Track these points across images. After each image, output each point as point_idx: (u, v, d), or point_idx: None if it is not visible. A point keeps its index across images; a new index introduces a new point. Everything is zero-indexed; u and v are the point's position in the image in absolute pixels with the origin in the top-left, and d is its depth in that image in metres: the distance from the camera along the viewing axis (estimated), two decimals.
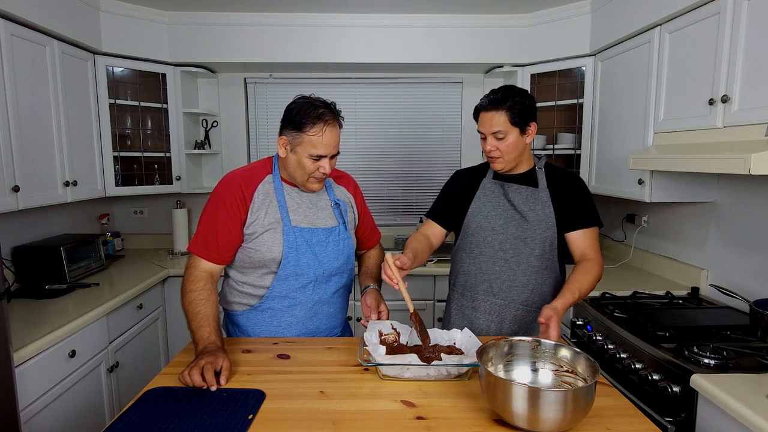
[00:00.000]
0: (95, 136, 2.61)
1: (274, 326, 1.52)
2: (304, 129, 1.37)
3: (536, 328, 1.45)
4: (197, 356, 1.26)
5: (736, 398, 1.22)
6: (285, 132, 1.42)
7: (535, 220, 1.56)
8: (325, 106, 1.42)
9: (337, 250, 1.52)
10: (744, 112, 1.59)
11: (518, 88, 1.58)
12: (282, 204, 1.46)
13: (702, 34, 1.79)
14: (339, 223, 1.54)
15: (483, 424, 1.04)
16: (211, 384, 1.18)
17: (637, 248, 2.68)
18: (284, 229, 1.43)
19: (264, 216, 1.43)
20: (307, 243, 1.46)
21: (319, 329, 1.56)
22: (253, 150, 3.34)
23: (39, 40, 2.14)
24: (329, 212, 1.54)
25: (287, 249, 1.43)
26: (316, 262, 1.48)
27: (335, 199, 1.57)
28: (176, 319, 2.77)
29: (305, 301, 1.50)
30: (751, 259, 1.92)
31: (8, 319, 1.46)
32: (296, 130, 1.38)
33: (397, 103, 3.32)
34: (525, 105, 1.51)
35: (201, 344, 1.30)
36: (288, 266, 1.44)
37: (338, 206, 1.56)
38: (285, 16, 2.83)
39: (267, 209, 1.44)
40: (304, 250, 1.46)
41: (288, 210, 1.46)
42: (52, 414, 1.73)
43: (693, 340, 1.58)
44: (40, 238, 2.51)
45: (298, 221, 1.47)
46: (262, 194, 1.45)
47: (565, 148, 2.87)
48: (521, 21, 2.87)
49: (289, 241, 1.43)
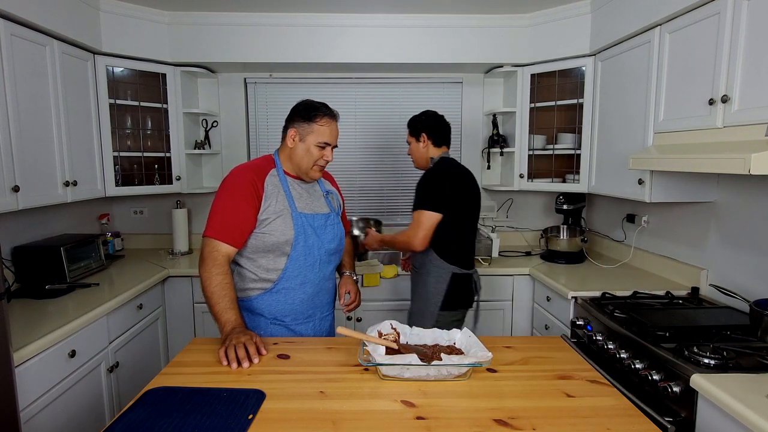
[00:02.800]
0: (95, 136, 2.61)
1: (289, 304, 1.66)
2: (314, 120, 1.62)
3: None
4: (227, 336, 1.40)
5: (736, 398, 1.22)
6: (294, 125, 1.64)
7: None
8: (325, 106, 1.67)
9: (333, 233, 1.73)
10: (744, 112, 1.59)
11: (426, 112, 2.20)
12: (288, 194, 1.64)
13: (702, 34, 1.79)
14: (331, 211, 1.76)
15: (483, 424, 1.04)
16: (254, 355, 1.34)
17: (637, 248, 2.68)
18: (293, 214, 1.61)
19: (275, 203, 1.60)
20: (312, 227, 1.65)
21: (323, 303, 1.75)
22: (253, 150, 3.34)
23: (39, 40, 2.14)
24: (323, 201, 1.75)
25: (297, 231, 1.61)
26: (319, 242, 1.67)
27: (326, 190, 1.80)
28: (176, 319, 2.77)
29: (313, 278, 1.67)
30: (751, 259, 1.92)
31: (8, 319, 1.46)
32: (307, 122, 1.62)
33: (397, 103, 3.32)
34: (413, 121, 2.23)
35: (229, 325, 1.45)
36: (298, 247, 1.62)
37: (329, 195, 1.79)
38: (285, 16, 2.83)
39: (276, 198, 1.61)
40: (310, 232, 1.64)
41: (294, 198, 1.65)
42: (52, 414, 1.73)
43: (693, 340, 1.58)
44: (40, 238, 2.51)
45: (302, 208, 1.66)
46: (271, 185, 1.62)
47: (565, 148, 2.87)
48: (521, 21, 2.87)
49: (298, 225, 1.61)
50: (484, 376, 1.28)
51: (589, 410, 1.11)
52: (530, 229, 3.40)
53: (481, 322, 2.79)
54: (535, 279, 2.70)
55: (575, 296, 2.22)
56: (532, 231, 3.39)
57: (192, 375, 1.28)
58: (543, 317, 2.60)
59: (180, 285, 2.75)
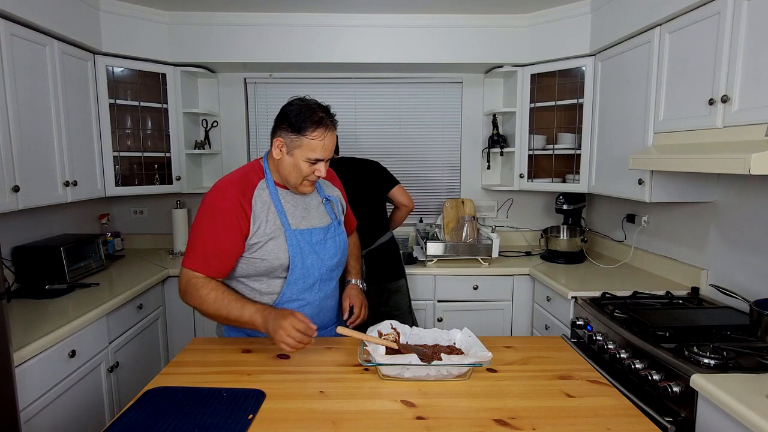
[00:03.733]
0: (95, 136, 2.61)
1: None
2: (305, 132, 1.36)
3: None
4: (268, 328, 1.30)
5: (736, 398, 1.22)
6: (281, 133, 1.40)
7: None
8: (323, 110, 1.40)
9: (335, 246, 1.54)
10: (744, 112, 1.59)
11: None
12: (280, 210, 1.44)
13: (702, 34, 1.79)
14: (332, 220, 1.56)
15: (483, 424, 1.04)
16: (312, 332, 1.28)
17: (637, 248, 2.68)
18: (287, 234, 1.43)
19: (265, 225, 1.41)
20: (309, 244, 1.47)
21: (324, 323, 1.58)
22: (253, 150, 3.34)
23: (39, 40, 2.14)
24: (321, 210, 1.55)
25: (293, 253, 1.43)
26: (319, 261, 1.49)
27: (325, 196, 1.58)
28: (176, 319, 2.77)
29: (313, 300, 1.51)
30: (751, 259, 1.92)
31: (8, 319, 1.46)
32: (296, 133, 1.36)
33: (397, 103, 3.32)
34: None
35: (258, 315, 1.33)
36: (296, 270, 1.44)
37: (329, 202, 1.58)
38: (285, 16, 2.83)
39: (266, 217, 1.42)
40: (308, 251, 1.46)
41: (287, 214, 1.45)
42: (52, 414, 1.73)
43: (693, 340, 1.58)
44: (40, 238, 2.51)
45: (297, 224, 1.47)
46: (259, 202, 1.42)
47: (565, 148, 2.87)
48: (521, 21, 2.87)
49: (293, 246, 1.43)
50: (484, 376, 1.28)
51: (589, 410, 1.11)
52: (530, 229, 3.40)
53: (481, 322, 2.80)
54: (535, 279, 2.70)
55: (575, 296, 2.22)
56: (532, 231, 3.39)
57: (192, 375, 1.28)
58: (543, 317, 2.60)
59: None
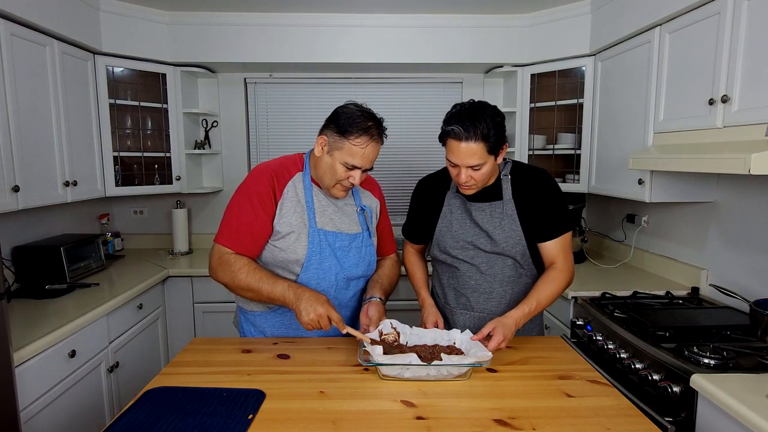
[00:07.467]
0: (95, 136, 2.61)
1: (293, 330, 1.53)
2: (349, 136, 1.35)
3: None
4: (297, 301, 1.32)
5: (736, 398, 1.22)
6: (327, 132, 1.40)
7: (501, 238, 1.50)
8: (374, 120, 1.39)
9: (359, 257, 1.50)
10: (744, 112, 1.59)
11: (486, 105, 1.39)
12: (309, 205, 1.43)
13: (702, 34, 1.79)
14: (363, 230, 1.52)
15: (483, 424, 1.04)
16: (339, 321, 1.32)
17: (637, 248, 2.68)
18: (310, 230, 1.42)
19: (291, 215, 1.42)
20: (331, 247, 1.45)
21: (335, 330, 1.51)
22: (253, 150, 3.34)
23: (39, 40, 2.14)
24: (354, 218, 1.52)
25: (311, 251, 1.42)
26: (338, 266, 1.46)
27: (361, 205, 1.55)
28: (176, 319, 2.77)
29: None
30: (751, 259, 1.92)
31: (8, 319, 1.46)
32: (340, 134, 1.36)
33: (397, 103, 3.32)
34: (499, 128, 1.36)
35: (290, 291, 1.34)
36: (310, 269, 1.43)
37: (363, 212, 1.54)
38: (285, 16, 2.83)
39: (294, 209, 1.42)
40: (327, 253, 1.44)
41: (315, 212, 1.44)
42: (52, 414, 1.73)
43: (693, 340, 1.58)
44: (40, 238, 2.51)
45: (323, 224, 1.45)
46: (291, 193, 1.43)
47: (565, 148, 2.87)
48: (521, 21, 2.87)
49: (314, 243, 1.42)
50: (484, 376, 1.28)
51: (589, 410, 1.11)
52: None
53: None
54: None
55: (575, 296, 2.22)
56: None
57: (192, 375, 1.28)
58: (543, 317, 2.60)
59: (180, 285, 2.75)
